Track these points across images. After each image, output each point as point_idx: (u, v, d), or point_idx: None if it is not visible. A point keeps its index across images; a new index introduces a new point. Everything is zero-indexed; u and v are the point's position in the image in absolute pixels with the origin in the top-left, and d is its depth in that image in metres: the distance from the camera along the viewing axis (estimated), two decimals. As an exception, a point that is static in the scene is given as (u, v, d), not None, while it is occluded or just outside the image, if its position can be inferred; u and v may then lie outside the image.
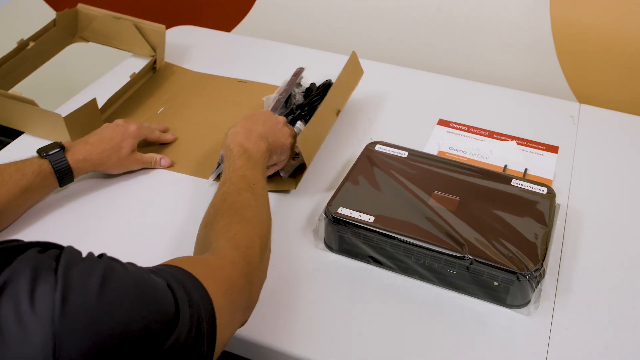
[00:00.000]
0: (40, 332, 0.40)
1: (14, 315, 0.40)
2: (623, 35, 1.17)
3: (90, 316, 0.43)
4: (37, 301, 0.41)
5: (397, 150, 0.92)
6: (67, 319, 0.41)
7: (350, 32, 1.42)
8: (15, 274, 0.43)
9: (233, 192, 0.74)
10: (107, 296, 0.45)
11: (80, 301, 0.43)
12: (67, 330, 0.41)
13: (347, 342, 0.71)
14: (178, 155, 1.00)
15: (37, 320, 0.41)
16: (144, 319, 0.46)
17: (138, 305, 0.46)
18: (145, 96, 1.14)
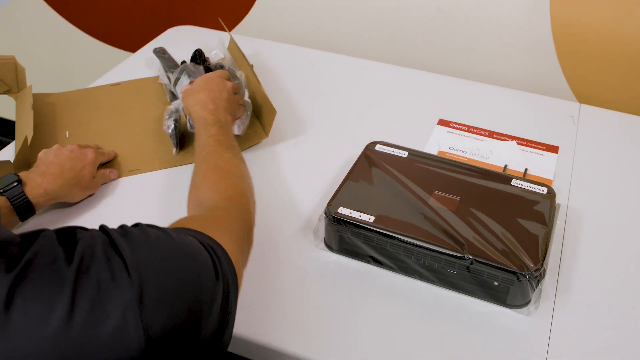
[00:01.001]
0: (126, 282, 0.45)
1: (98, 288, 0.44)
2: (623, 35, 1.17)
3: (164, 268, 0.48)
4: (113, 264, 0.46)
5: (397, 150, 0.92)
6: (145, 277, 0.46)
7: (350, 32, 1.42)
8: (86, 252, 0.46)
9: (214, 154, 0.79)
10: (163, 255, 0.50)
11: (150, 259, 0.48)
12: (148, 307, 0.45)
13: (347, 342, 0.71)
14: (117, 163, 1.00)
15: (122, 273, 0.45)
16: (195, 270, 0.51)
17: (190, 262, 0.51)
18: (42, 128, 1.07)
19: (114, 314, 0.43)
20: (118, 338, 0.43)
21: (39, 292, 0.42)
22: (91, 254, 0.46)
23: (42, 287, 0.42)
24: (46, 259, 0.44)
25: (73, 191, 0.89)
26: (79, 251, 0.46)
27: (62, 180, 0.86)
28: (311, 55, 1.32)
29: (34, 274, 0.42)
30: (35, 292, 0.42)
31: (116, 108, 1.13)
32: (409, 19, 1.34)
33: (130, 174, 0.97)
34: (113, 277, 0.45)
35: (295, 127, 1.08)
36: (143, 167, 0.98)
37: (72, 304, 0.42)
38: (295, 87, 1.20)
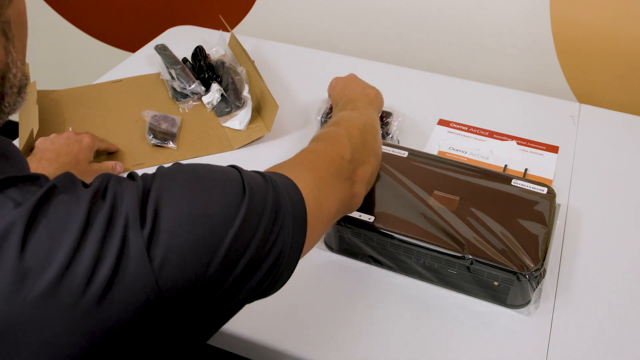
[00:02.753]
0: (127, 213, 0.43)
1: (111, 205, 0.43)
2: (623, 35, 1.17)
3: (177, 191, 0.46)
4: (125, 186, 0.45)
5: (397, 150, 0.92)
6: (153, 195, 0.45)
7: (350, 32, 1.42)
8: (101, 181, 0.46)
9: (354, 115, 0.81)
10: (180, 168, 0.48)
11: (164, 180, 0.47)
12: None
13: (347, 342, 0.71)
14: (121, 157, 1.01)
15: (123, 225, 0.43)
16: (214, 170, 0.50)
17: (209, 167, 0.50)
18: (46, 124, 1.08)
19: (116, 235, 0.42)
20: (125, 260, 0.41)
21: (58, 215, 0.41)
22: (107, 180, 0.46)
23: (61, 210, 0.41)
24: (65, 185, 0.44)
25: None
26: (94, 181, 0.46)
27: (58, 164, 0.87)
28: (311, 55, 1.32)
29: (55, 200, 0.42)
30: (53, 217, 0.41)
31: (119, 104, 1.14)
32: (409, 19, 1.34)
33: (134, 168, 0.97)
34: (122, 194, 0.44)
35: (295, 127, 1.08)
36: (147, 161, 0.99)
37: (86, 224, 0.41)
38: (296, 86, 1.20)
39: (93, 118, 1.09)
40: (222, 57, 1.19)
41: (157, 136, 1.02)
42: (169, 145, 1.02)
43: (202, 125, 1.08)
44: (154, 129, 1.03)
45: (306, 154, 0.67)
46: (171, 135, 1.03)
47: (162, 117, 1.06)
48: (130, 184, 0.45)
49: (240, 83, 1.11)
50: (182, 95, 1.13)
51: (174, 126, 1.05)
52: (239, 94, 1.10)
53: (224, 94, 1.11)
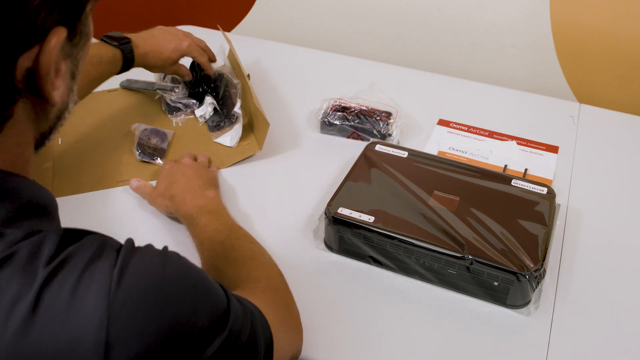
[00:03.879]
0: (93, 303, 0.40)
1: (73, 285, 0.41)
2: (623, 35, 1.17)
3: (145, 293, 0.42)
4: (95, 275, 0.42)
5: (397, 150, 0.92)
6: (121, 293, 0.41)
7: (350, 32, 1.42)
8: (81, 248, 0.43)
9: (219, 247, 0.74)
10: (164, 277, 0.44)
11: (137, 277, 0.43)
12: (120, 304, 0.41)
13: (347, 342, 0.71)
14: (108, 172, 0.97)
15: (92, 291, 0.41)
16: (194, 304, 0.46)
17: (193, 291, 0.46)
18: None
19: (75, 324, 0.40)
20: (75, 354, 0.39)
21: (6, 292, 0.39)
22: (81, 251, 0.43)
23: (11, 287, 0.40)
24: (29, 254, 0.41)
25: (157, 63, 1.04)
26: (69, 249, 0.43)
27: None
28: (311, 55, 1.32)
29: (6, 272, 0.40)
30: (1, 292, 0.39)
31: (112, 114, 1.10)
32: (409, 19, 1.34)
33: (119, 185, 0.94)
34: (91, 277, 0.41)
35: (295, 127, 1.08)
36: (134, 177, 0.95)
37: (35, 306, 0.39)
38: (295, 86, 1.20)
39: (84, 128, 1.06)
40: (220, 68, 1.16)
41: (146, 151, 0.98)
42: (156, 161, 0.98)
43: (193, 141, 1.04)
44: (143, 144, 0.99)
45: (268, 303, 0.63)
46: (160, 151, 0.99)
47: (153, 132, 1.02)
48: (103, 271, 0.42)
49: (234, 97, 1.08)
50: (175, 109, 1.10)
51: (164, 141, 1.01)
52: (232, 109, 1.07)
53: (216, 107, 1.08)
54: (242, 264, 0.71)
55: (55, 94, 0.46)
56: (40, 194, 0.48)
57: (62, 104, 0.49)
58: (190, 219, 0.81)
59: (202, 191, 0.85)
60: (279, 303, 0.65)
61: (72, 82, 0.49)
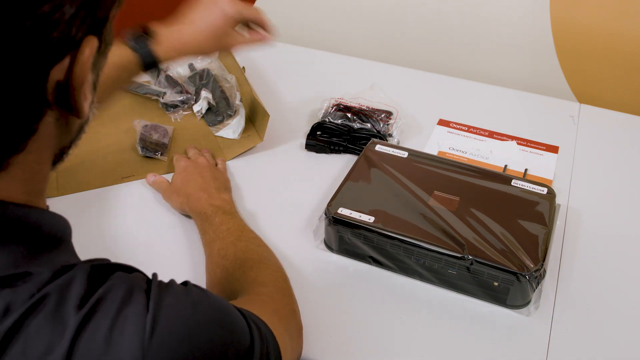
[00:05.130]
0: (128, 351, 0.40)
1: (106, 333, 0.40)
2: (623, 35, 1.17)
3: (179, 342, 0.42)
4: (128, 322, 0.41)
5: (397, 150, 0.92)
6: (155, 341, 0.41)
7: (350, 32, 1.42)
8: (110, 291, 0.42)
9: (229, 247, 0.75)
10: (196, 322, 0.44)
11: (170, 324, 0.42)
12: (155, 352, 0.41)
13: (347, 342, 0.71)
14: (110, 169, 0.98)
15: (127, 339, 0.40)
16: (224, 345, 0.46)
17: (221, 332, 0.46)
18: None
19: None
20: None
21: (37, 341, 0.38)
22: (112, 293, 0.42)
23: (42, 335, 0.39)
24: (58, 299, 0.40)
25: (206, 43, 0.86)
26: (99, 292, 0.42)
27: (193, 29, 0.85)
28: (311, 55, 1.32)
29: (37, 319, 0.39)
30: (33, 341, 0.38)
31: (110, 112, 1.11)
32: (409, 19, 1.34)
33: (125, 181, 0.95)
34: (123, 325, 0.41)
35: (295, 127, 1.08)
36: (137, 173, 0.97)
37: (68, 357, 0.38)
38: (295, 86, 1.20)
39: None
40: (208, 66, 1.16)
41: (148, 147, 0.99)
42: (159, 156, 0.99)
43: (194, 135, 1.05)
44: (145, 140, 1.00)
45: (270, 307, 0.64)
46: (162, 146, 1.00)
47: (154, 127, 1.03)
48: (136, 316, 0.41)
49: (230, 91, 1.09)
50: (172, 106, 1.10)
51: (165, 137, 1.02)
52: (229, 103, 1.08)
53: (210, 102, 1.08)
54: (250, 267, 0.71)
55: (86, 104, 0.44)
56: (57, 224, 0.46)
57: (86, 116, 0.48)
58: (204, 217, 0.81)
59: (218, 193, 0.86)
60: (285, 310, 0.65)
61: (94, 92, 0.48)
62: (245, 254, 0.74)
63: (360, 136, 1.02)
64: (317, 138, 1.02)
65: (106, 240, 0.85)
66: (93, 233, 0.86)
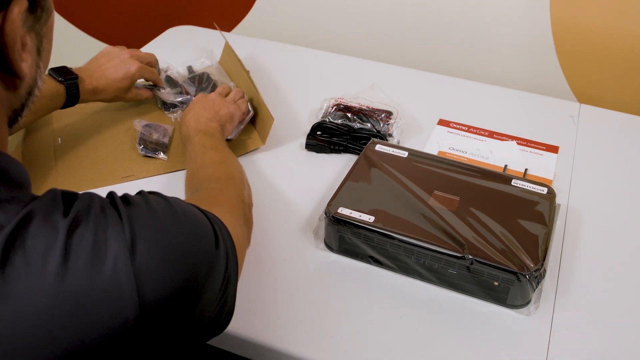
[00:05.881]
0: (115, 242, 0.44)
1: (93, 232, 0.44)
2: (623, 35, 1.17)
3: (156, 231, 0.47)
4: (109, 223, 0.45)
5: (397, 150, 0.92)
6: (137, 241, 0.45)
7: (350, 32, 1.42)
8: (85, 204, 0.46)
9: (199, 155, 0.84)
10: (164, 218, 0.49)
11: (147, 217, 0.47)
12: (140, 248, 0.45)
13: (347, 342, 0.71)
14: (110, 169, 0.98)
15: (111, 235, 0.44)
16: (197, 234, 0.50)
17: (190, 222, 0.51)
18: (35, 134, 1.05)
19: (106, 266, 0.43)
20: (111, 294, 0.42)
21: (35, 245, 0.42)
22: (88, 207, 0.46)
23: (38, 240, 0.42)
24: (44, 212, 0.44)
25: (112, 94, 1.03)
26: (76, 205, 0.46)
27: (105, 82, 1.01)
28: (311, 55, 1.32)
29: (30, 227, 0.42)
30: (31, 245, 0.42)
31: (110, 112, 1.11)
32: (409, 19, 1.34)
33: (124, 180, 0.95)
34: (105, 227, 0.44)
35: (295, 127, 1.08)
36: (137, 172, 0.97)
37: (65, 254, 0.42)
38: (295, 86, 1.21)
39: (83, 127, 1.07)
40: (207, 69, 1.17)
41: (148, 146, 1.00)
42: (159, 156, 0.99)
43: None
44: (145, 139, 1.01)
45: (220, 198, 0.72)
46: (162, 146, 1.00)
47: (154, 127, 1.03)
48: (114, 223, 0.45)
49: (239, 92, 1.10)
50: (171, 105, 1.11)
51: (166, 136, 1.02)
52: None
53: None
54: (209, 166, 0.81)
55: (24, 65, 0.48)
56: (22, 172, 0.49)
57: (31, 79, 0.51)
58: (187, 140, 0.90)
59: (207, 120, 0.93)
60: (237, 201, 0.73)
61: (38, 58, 0.52)
62: (211, 159, 0.83)
63: (360, 136, 1.02)
64: (317, 138, 1.02)
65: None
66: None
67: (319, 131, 1.04)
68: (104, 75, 1.01)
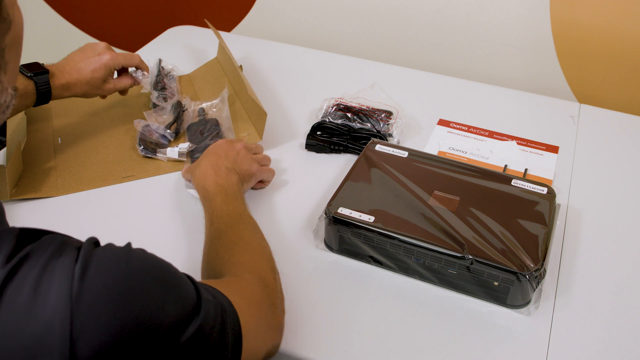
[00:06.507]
0: (56, 301, 0.41)
1: (33, 285, 0.41)
2: (623, 35, 1.17)
3: (107, 288, 0.43)
4: (56, 273, 0.42)
5: (397, 150, 0.92)
6: (85, 286, 0.42)
7: (350, 32, 1.42)
8: (40, 247, 0.43)
9: (225, 229, 0.74)
10: (128, 270, 0.45)
11: (100, 270, 0.43)
12: (82, 300, 0.41)
13: (347, 342, 0.71)
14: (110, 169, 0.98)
15: (54, 290, 0.41)
16: (162, 296, 0.46)
17: (158, 285, 0.46)
18: (35, 134, 1.05)
19: (41, 314, 0.40)
20: (41, 343, 0.40)
21: None
22: (44, 249, 0.43)
23: None
24: None
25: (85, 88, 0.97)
26: (29, 247, 0.43)
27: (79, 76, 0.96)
28: (311, 55, 1.32)
29: None
30: None
31: (109, 113, 1.11)
32: (409, 19, 1.34)
33: (125, 180, 0.95)
34: (54, 266, 0.42)
35: (295, 127, 1.08)
36: (137, 173, 0.97)
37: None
38: (295, 86, 1.21)
39: (83, 127, 1.07)
40: (216, 115, 1.08)
41: (148, 147, 0.99)
42: (158, 157, 0.99)
43: None
44: (145, 139, 1.00)
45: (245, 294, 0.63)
46: (162, 147, 1.00)
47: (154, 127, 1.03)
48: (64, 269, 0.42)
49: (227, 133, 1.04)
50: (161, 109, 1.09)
51: (163, 137, 1.02)
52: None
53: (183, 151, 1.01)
54: (238, 249, 0.71)
55: None
56: None
57: None
58: (206, 194, 0.81)
59: (227, 173, 0.84)
60: (263, 301, 0.64)
61: (0, 72, 0.49)
62: (236, 236, 0.73)
63: (360, 136, 1.02)
64: (317, 138, 1.02)
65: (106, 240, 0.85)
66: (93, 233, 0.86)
67: (319, 131, 1.04)
68: (76, 68, 0.96)
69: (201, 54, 1.31)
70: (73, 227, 0.86)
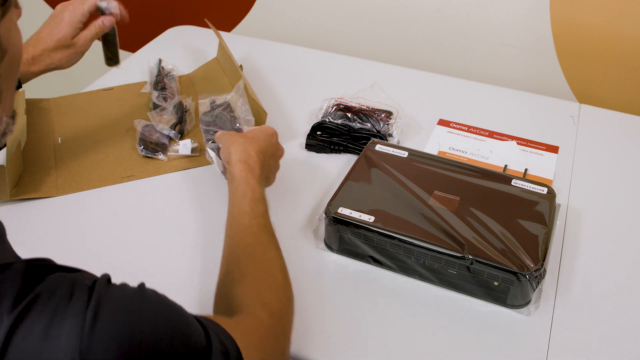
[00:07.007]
0: (64, 348, 0.39)
1: (42, 333, 0.39)
2: (623, 35, 1.17)
3: (120, 341, 0.41)
4: (68, 320, 0.40)
5: (397, 150, 0.92)
6: (96, 334, 0.40)
7: (350, 32, 1.42)
8: (49, 289, 0.41)
9: (258, 244, 0.70)
10: (140, 320, 0.43)
11: (112, 314, 0.42)
12: (93, 350, 0.40)
13: (347, 342, 0.71)
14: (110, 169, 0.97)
15: (65, 338, 0.40)
16: (172, 340, 0.45)
17: (169, 334, 0.45)
18: (35, 134, 1.05)
19: (54, 356, 0.39)
20: None
21: None
22: (52, 291, 0.41)
23: None
24: None
25: (56, 54, 0.89)
26: (38, 288, 0.41)
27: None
28: (311, 55, 1.32)
29: None
30: None
31: (110, 113, 1.11)
32: (409, 19, 1.34)
33: (125, 180, 0.95)
34: (65, 313, 0.40)
35: (295, 127, 1.08)
36: (137, 172, 0.97)
37: (4, 350, 0.38)
38: (295, 86, 1.21)
39: (83, 127, 1.07)
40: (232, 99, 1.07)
41: (148, 147, 0.99)
42: (159, 156, 0.99)
43: (194, 137, 1.05)
44: (145, 139, 1.00)
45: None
46: (162, 147, 1.00)
47: (154, 127, 1.03)
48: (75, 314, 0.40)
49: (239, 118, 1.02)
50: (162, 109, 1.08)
51: (165, 137, 1.02)
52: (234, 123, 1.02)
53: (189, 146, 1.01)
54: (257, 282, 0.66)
55: None
56: None
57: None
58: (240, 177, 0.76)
59: (262, 172, 0.78)
60: (270, 344, 0.61)
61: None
62: (271, 265, 0.69)
63: (360, 136, 1.02)
64: (317, 138, 1.02)
65: (106, 240, 0.85)
66: (93, 233, 0.86)
67: (319, 131, 1.04)
68: (39, 38, 0.90)
69: (201, 54, 1.30)
70: (73, 227, 0.86)
